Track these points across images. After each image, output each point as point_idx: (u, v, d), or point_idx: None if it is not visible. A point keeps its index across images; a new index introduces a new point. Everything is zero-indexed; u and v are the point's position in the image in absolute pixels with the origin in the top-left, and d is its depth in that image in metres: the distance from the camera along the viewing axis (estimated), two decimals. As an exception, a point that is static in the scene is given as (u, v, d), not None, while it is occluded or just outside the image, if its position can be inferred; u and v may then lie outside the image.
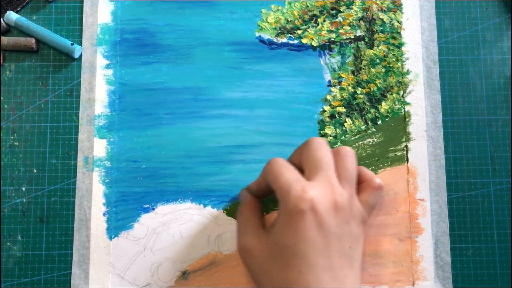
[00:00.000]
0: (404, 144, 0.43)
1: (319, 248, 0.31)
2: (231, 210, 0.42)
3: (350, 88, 0.43)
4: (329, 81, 0.44)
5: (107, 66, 0.44)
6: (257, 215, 0.37)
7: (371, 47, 0.44)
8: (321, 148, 0.34)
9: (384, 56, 0.44)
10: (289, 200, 0.31)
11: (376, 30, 0.44)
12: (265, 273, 0.33)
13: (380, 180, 0.37)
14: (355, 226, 0.33)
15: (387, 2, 0.44)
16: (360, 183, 0.37)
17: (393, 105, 0.43)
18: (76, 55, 0.44)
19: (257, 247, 0.34)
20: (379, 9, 0.44)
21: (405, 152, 0.43)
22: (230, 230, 0.42)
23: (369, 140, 0.43)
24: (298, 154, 0.36)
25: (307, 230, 0.31)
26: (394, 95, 0.43)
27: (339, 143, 0.43)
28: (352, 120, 0.43)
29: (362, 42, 0.44)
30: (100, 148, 0.42)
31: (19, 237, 0.41)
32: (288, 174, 0.33)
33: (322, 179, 0.33)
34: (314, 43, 0.44)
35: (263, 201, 0.40)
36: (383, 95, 0.43)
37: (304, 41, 0.44)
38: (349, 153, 0.35)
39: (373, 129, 0.43)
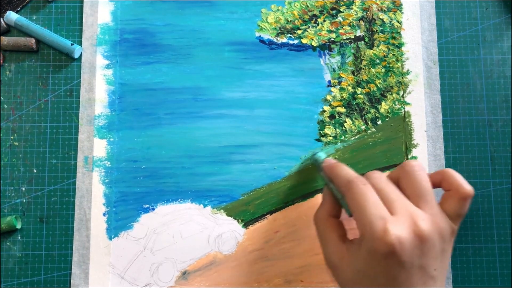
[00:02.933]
0: (404, 144, 0.43)
1: (401, 282, 0.30)
2: (231, 210, 0.42)
3: (350, 88, 0.43)
4: (329, 81, 0.44)
5: (107, 66, 0.44)
6: (334, 225, 0.35)
7: (371, 47, 0.44)
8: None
9: (384, 56, 0.44)
10: (371, 240, 0.30)
11: (376, 30, 0.44)
12: None
13: (470, 187, 0.33)
14: (441, 244, 0.31)
15: (387, 2, 0.44)
16: (447, 190, 0.34)
17: (393, 105, 0.43)
18: (76, 55, 0.44)
19: (340, 265, 0.33)
20: (379, 9, 0.44)
21: (405, 152, 0.42)
22: (230, 230, 0.42)
23: (369, 140, 0.43)
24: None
25: (389, 269, 0.30)
26: (394, 95, 0.43)
27: (339, 143, 0.43)
28: (352, 120, 0.43)
29: (362, 42, 0.44)
30: (100, 148, 0.42)
31: (19, 237, 0.41)
32: (371, 208, 0.31)
33: (404, 210, 0.31)
34: (314, 43, 0.44)
35: None
36: (383, 95, 0.43)
37: (304, 41, 0.44)
38: (415, 167, 0.33)
39: (373, 129, 0.43)
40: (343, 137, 0.43)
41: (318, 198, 0.42)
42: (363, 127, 0.43)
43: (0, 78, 0.44)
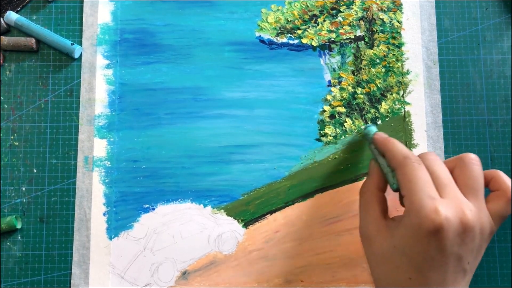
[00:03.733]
0: (404, 144, 0.43)
1: (436, 265, 0.31)
2: (231, 210, 0.42)
3: (350, 88, 0.43)
4: (329, 81, 0.44)
5: (107, 66, 0.44)
6: (380, 199, 0.36)
7: (371, 47, 0.44)
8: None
9: (384, 56, 0.44)
10: (418, 217, 0.30)
11: (376, 30, 0.44)
12: (378, 266, 0.33)
13: None
14: (480, 240, 0.32)
15: (387, 2, 0.44)
16: (494, 190, 0.34)
17: (393, 105, 0.43)
18: (76, 55, 0.44)
19: (375, 239, 0.34)
20: (379, 9, 0.44)
21: (405, 152, 0.42)
22: (230, 230, 0.42)
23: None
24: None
25: (429, 250, 0.30)
26: (394, 95, 0.43)
27: (339, 143, 0.43)
28: (352, 120, 0.43)
29: (362, 42, 0.44)
30: (100, 148, 0.42)
31: (19, 237, 0.41)
32: (423, 186, 0.31)
33: (454, 196, 0.32)
34: (314, 43, 0.44)
35: None
36: (383, 95, 0.43)
37: (304, 41, 0.44)
38: (474, 161, 0.33)
39: (373, 129, 0.43)
40: (343, 137, 0.43)
41: (318, 198, 0.42)
42: (363, 127, 0.43)
43: (0, 78, 0.44)
